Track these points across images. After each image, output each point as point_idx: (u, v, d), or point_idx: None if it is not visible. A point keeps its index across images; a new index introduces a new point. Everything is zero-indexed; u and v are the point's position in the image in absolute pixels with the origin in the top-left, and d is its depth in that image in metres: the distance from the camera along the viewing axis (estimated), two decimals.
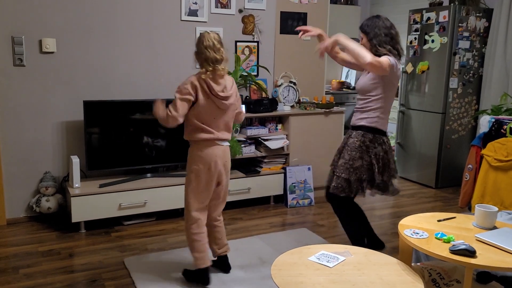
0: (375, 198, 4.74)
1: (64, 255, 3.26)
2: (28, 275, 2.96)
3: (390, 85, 2.88)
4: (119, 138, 3.88)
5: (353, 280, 1.98)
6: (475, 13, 4.94)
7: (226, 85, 2.69)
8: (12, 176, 3.79)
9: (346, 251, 2.26)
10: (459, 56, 4.95)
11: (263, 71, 4.65)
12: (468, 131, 5.19)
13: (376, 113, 2.90)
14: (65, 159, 3.94)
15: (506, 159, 3.37)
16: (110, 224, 3.79)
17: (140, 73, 4.11)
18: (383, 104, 2.90)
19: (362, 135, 2.91)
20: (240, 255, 3.28)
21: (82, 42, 3.87)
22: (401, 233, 2.29)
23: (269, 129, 4.41)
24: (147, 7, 4.06)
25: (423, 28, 5.15)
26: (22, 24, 3.65)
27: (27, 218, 3.87)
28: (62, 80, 3.85)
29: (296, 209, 4.35)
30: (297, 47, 4.78)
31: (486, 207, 2.38)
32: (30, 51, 3.71)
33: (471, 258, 2.01)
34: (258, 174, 4.32)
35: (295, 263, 2.13)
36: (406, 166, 5.50)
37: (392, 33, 2.89)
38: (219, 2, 4.35)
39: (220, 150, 2.74)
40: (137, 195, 3.78)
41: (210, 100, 2.65)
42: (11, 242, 3.46)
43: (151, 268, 3.05)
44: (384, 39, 2.85)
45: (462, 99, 5.08)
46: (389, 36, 2.87)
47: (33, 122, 3.80)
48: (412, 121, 5.39)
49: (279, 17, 4.66)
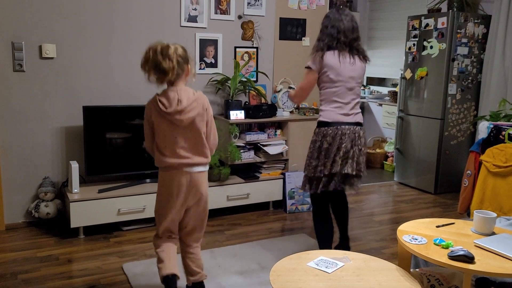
0: (374, 204, 4.75)
1: (62, 261, 3.25)
2: (26, 280, 2.95)
3: (323, 77, 2.96)
4: (119, 143, 3.89)
5: (352, 286, 1.98)
6: (474, 20, 4.97)
7: (181, 98, 2.38)
8: (11, 181, 3.79)
9: (345, 256, 2.25)
10: (458, 62, 4.96)
11: (262, 77, 4.66)
12: (467, 137, 5.20)
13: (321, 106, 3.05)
14: (64, 165, 3.94)
15: (504, 165, 3.38)
16: (109, 230, 3.78)
17: (139, 78, 4.09)
18: (324, 96, 3.00)
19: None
20: (239, 260, 3.28)
21: (82, 48, 3.88)
22: (400, 239, 2.29)
23: (268, 134, 4.42)
24: (146, 13, 4.07)
25: (421, 34, 5.17)
26: (22, 30, 3.67)
27: (25, 224, 3.87)
28: (61, 85, 3.86)
29: (295, 215, 4.34)
30: (296, 53, 4.80)
31: (484, 213, 2.38)
32: (30, 56, 3.72)
33: (470, 264, 2.01)
34: (257, 179, 4.32)
35: (294, 268, 2.13)
36: (405, 172, 5.50)
37: (341, 26, 2.92)
38: (219, 8, 4.37)
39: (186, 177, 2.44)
40: (136, 200, 3.77)
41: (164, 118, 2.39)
42: (10, 248, 3.45)
43: (149, 273, 3.04)
44: (326, 31, 2.96)
45: (461, 105, 5.10)
46: (337, 29, 2.93)
47: (32, 127, 3.80)
48: (411, 127, 5.40)
49: (278, 23, 4.68)
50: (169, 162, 2.42)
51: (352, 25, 2.95)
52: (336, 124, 2.93)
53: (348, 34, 2.93)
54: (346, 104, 2.97)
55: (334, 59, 2.91)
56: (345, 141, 2.90)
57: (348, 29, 2.93)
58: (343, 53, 2.93)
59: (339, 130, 2.91)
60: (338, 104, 2.95)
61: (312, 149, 2.99)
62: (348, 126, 2.94)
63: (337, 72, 2.91)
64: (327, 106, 2.97)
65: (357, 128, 2.97)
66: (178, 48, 2.40)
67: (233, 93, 4.31)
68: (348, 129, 2.93)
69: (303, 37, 4.82)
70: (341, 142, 2.90)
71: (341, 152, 2.90)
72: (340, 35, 2.91)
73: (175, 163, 2.41)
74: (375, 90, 7.14)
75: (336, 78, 2.92)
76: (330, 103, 2.96)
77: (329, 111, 2.95)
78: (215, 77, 4.43)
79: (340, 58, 2.92)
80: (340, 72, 2.92)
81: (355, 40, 2.98)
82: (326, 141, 2.91)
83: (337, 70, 2.92)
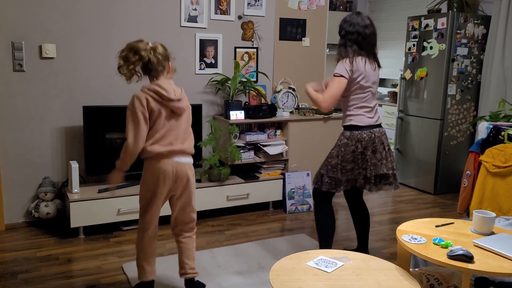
0: (373, 204, 4.75)
1: (62, 261, 3.26)
2: (26, 280, 2.96)
3: (353, 83, 2.94)
4: (118, 143, 3.89)
5: (351, 285, 1.98)
6: (473, 20, 4.97)
7: (175, 88, 2.58)
8: (11, 181, 3.79)
9: (345, 256, 2.26)
10: (458, 63, 4.97)
11: (262, 77, 4.67)
12: (466, 138, 5.20)
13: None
14: (64, 165, 3.95)
15: (504, 165, 3.38)
16: (108, 230, 3.79)
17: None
18: (354, 102, 2.99)
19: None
20: (238, 260, 3.28)
21: (82, 48, 3.88)
22: (399, 238, 2.29)
23: (268, 135, 4.42)
24: (147, 13, 4.08)
25: (421, 35, 5.17)
26: (22, 30, 3.67)
27: (25, 224, 3.87)
28: (61, 85, 3.86)
29: (295, 215, 4.35)
30: (296, 53, 4.81)
31: (484, 213, 2.38)
32: (30, 56, 3.72)
33: (469, 264, 2.01)
34: (257, 180, 4.32)
35: (293, 268, 2.13)
36: (404, 172, 5.50)
37: (366, 32, 2.91)
38: (219, 8, 4.38)
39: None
40: (136, 200, 3.75)
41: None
42: (10, 248, 3.45)
43: None
44: (352, 37, 2.91)
45: (461, 105, 5.10)
46: (361, 35, 2.90)
47: (32, 127, 3.81)
48: (411, 127, 5.40)
49: (279, 24, 4.68)
50: (160, 150, 2.50)
51: (374, 31, 2.96)
52: (369, 128, 2.96)
53: (372, 40, 2.96)
54: (373, 108, 3.03)
55: (364, 65, 2.92)
56: (378, 144, 2.96)
57: (372, 35, 2.94)
58: (369, 59, 2.95)
59: (372, 133, 2.95)
60: (367, 108, 2.99)
61: (344, 152, 2.95)
62: (378, 129, 3.00)
63: (366, 78, 2.93)
64: (358, 110, 2.97)
65: (383, 129, 3.05)
66: (158, 46, 2.53)
67: (233, 93, 4.32)
68: (379, 132, 2.99)
69: (303, 38, 4.83)
70: (374, 145, 2.95)
71: (378, 155, 2.95)
72: (365, 41, 2.91)
73: (166, 151, 2.51)
74: None
75: (366, 84, 2.94)
76: (360, 108, 2.97)
77: (361, 116, 2.97)
78: (215, 77, 4.44)
79: (367, 64, 2.94)
80: (368, 79, 2.95)
81: (375, 46, 3.01)
82: (361, 145, 2.93)
83: (367, 77, 2.94)
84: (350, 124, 2.98)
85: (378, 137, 2.97)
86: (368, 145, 2.93)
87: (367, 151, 2.93)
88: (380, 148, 2.97)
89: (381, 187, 3.05)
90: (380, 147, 2.97)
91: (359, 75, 2.90)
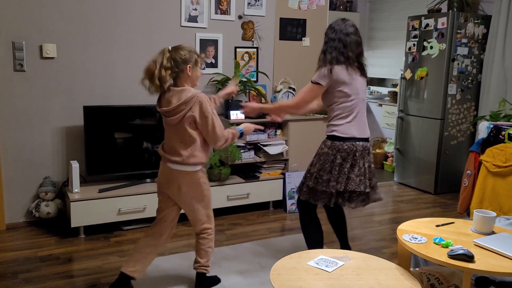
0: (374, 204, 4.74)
1: (63, 260, 3.26)
2: (27, 280, 2.96)
3: (336, 92, 2.87)
4: (119, 143, 3.89)
5: (352, 285, 1.98)
6: (474, 20, 4.97)
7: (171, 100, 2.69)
8: (12, 181, 3.79)
9: (345, 256, 2.26)
10: (458, 63, 4.97)
11: (262, 77, 4.67)
12: (466, 137, 5.20)
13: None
14: (64, 164, 3.95)
15: (504, 164, 3.39)
16: (109, 229, 3.79)
17: (140, 78, 4.12)
18: (339, 111, 2.90)
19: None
20: (239, 260, 3.28)
21: (82, 48, 3.89)
22: (399, 238, 2.29)
23: (268, 134, 4.42)
24: (147, 13, 4.08)
25: (421, 35, 5.17)
26: (23, 30, 3.67)
27: (26, 223, 3.87)
28: (62, 85, 3.86)
29: (295, 215, 4.35)
30: (297, 53, 4.81)
31: (484, 213, 2.38)
32: (31, 56, 3.73)
33: (469, 263, 2.01)
34: (257, 179, 4.32)
35: (294, 267, 2.13)
36: (405, 172, 5.50)
37: (347, 40, 2.85)
38: (219, 8, 4.38)
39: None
40: (136, 200, 3.78)
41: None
42: (10, 247, 3.46)
43: (150, 273, 3.04)
44: (333, 45, 2.85)
45: (461, 105, 5.10)
46: (343, 43, 2.84)
47: (33, 127, 3.81)
48: (411, 127, 5.40)
49: (279, 23, 4.69)
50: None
51: (357, 39, 2.89)
52: (351, 140, 2.86)
53: (354, 48, 2.86)
54: (359, 120, 2.92)
55: (345, 74, 2.83)
56: (358, 158, 2.85)
57: (354, 43, 2.86)
58: (352, 67, 2.86)
59: (354, 146, 2.84)
60: (353, 119, 2.88)
61: (323, 161, 2.88)
62: (362, 143, 2.88)
63: (349, 86, 2.84)
64: (341, 120, 2.87)
65: (367, 144, 2.94)
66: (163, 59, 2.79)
67: None
68: (362, 146, 2.88)
69: (303, 37, 4.83)
70: (355, 159, 2.84)
71: (356, 170, 2.84)
72: (347, 49, 2.84)
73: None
74: (375, 91, 7.14)
75: (350, 92, 2.84)
76: (344, 118, 2.87)
77: (344, 126, 2.86)
78: (215, 77, 4.44)
79: (350, 72, 2.84)
80: (352, 87, 2.85)
81: (361, 55, 2.93)
82: (340, 156, 2.83)
83: (350, 85, 2.84)
84: (333, 135, 2.88)
85: (360, 151, 2.86)
86: (348, 157, 2.83)
87: (346, 163, 2.83)
88: (360, 163, 2.85)
89: (353, 205, 2.92)
90: (360, 162, 2.85)
91: (340, 83, 2.82)
